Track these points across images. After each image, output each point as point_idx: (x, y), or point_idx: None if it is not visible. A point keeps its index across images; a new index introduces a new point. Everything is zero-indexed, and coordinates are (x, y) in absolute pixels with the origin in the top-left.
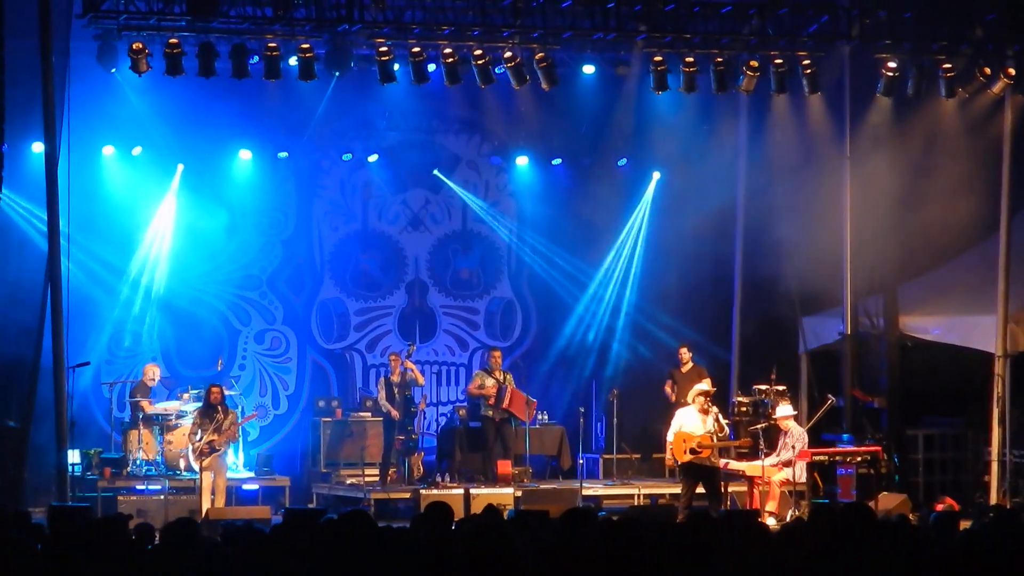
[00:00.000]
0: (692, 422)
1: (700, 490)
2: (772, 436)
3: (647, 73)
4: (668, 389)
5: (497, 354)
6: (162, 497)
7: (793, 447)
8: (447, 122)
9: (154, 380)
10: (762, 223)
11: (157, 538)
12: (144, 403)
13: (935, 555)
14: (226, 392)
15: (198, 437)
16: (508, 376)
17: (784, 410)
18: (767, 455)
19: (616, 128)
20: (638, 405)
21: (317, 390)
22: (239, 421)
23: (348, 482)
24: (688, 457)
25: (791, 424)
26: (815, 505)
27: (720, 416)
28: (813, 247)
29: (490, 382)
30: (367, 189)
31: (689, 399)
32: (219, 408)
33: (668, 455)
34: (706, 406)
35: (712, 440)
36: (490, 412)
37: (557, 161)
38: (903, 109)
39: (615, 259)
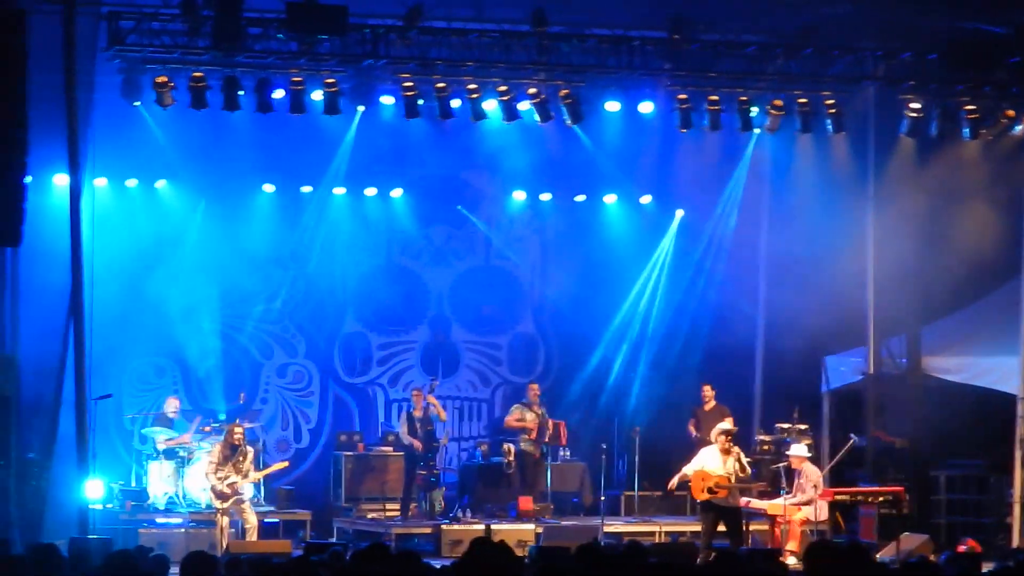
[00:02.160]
0: (713, 461)
1: (721, 528)
2: (791, 475)
3: (672, 111)
4: (691, 427)
5: (535, 387)
6: (183, 530)
7: (816, 486)
8: (471, 157)
9: (175, 413)
10: (786, 261)
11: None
12: (159, 437)
13: None
14: (247, 425)
15: (219, 475)
16: (543, 411)
17: (798, 450)
18: (788, 495)
19: (640, 165)
20: (660, 442)
21: (339, 424)
22: (265, 470)
23: (369, 516)
24: (705, 496)
25: (806, 465)
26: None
27: (742, 456)
28: (836, 286)
29: (530, 416)
30: (390, 224)
31: (712, 437)
32: (239, 449)
33: (673, 482)
34: (727, 445)
35: (730, 481)
36: (531, 447)
37: (580, 198)
38: (927, 150)
39: (638, 296)
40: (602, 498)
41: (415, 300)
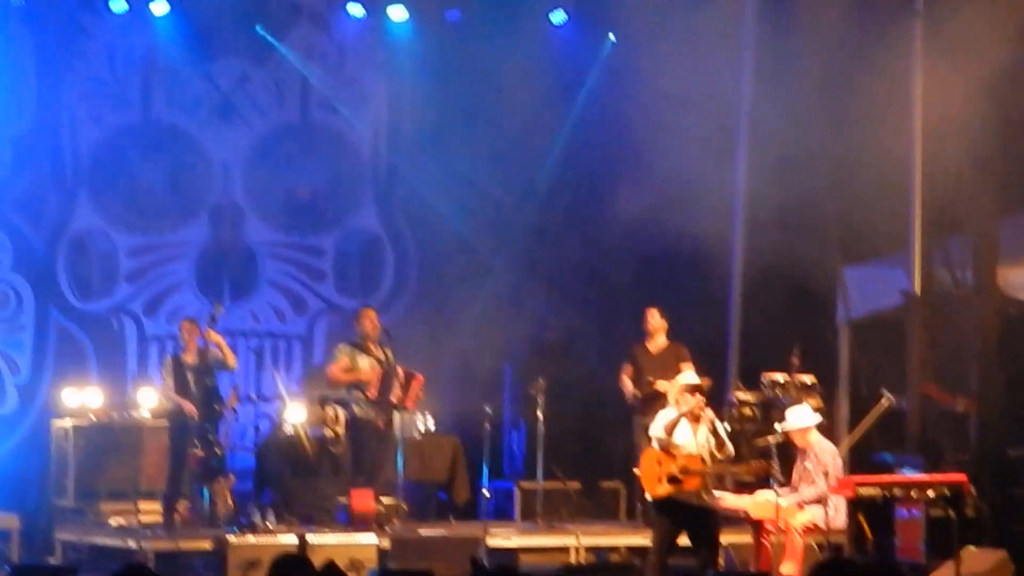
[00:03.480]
0: (677, 433)
1: (683, 539)
2: (790, 456)
3: None
4: (626, 378)
5: (371, 316)
6: None
7: (826, 473)
8: None
9: None
10: (780, 119)
11: None
12: None
13: None
14: None
15: None
16: (389, 353)
17: (800, 418)
18: (783, 486)
19: None
20: (578, 404)
21: (65, 375)
22: None
23: (113, 523)
24: (666, 489)
25: (813, 439)
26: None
27: (719, 425)
28: (862, 160)
29: (366, 362)
30: (149, 57)
31: (670, 398)
32: None
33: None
34: (698, 410)
35: (705, 463)
36: (370, 412)
37: (454, 13)
38: None
39: (544, 168)
40: (485, 493)
41: (188, 178)
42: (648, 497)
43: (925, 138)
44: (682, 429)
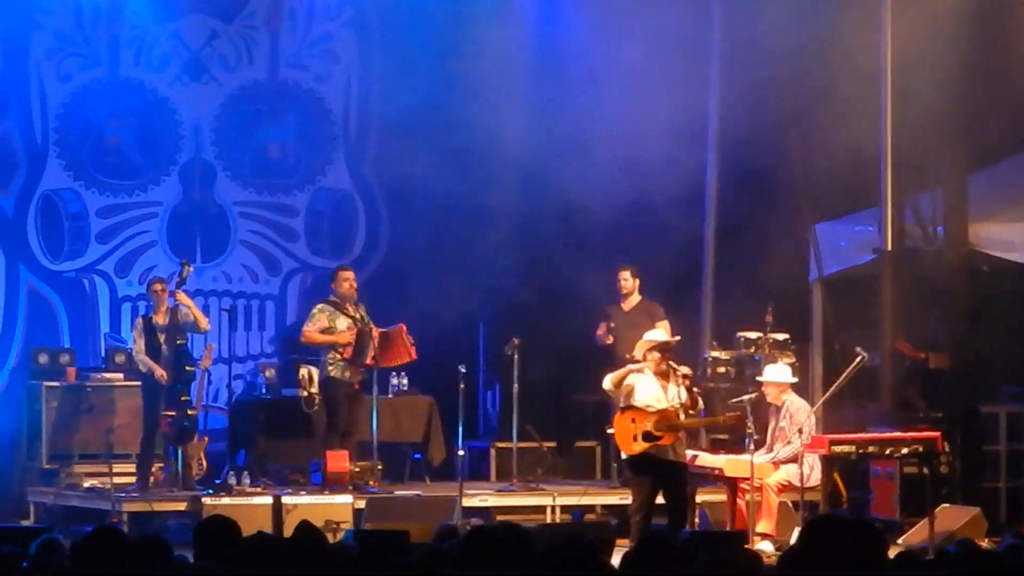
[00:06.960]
0: (647, 391)
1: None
2: (764, 414)
3: None
4: (602, 333)
5: (349, 276)
6: None
7: (800, 431)
8: None
9: None
10: (749, 72)
11: None
12: None
13: None
14: None
15: None
16: (364, 313)
17: (776, 374)
18: (759, 444)
19: None
20: (552, 363)
21: (36, 337)
22: None
23: (87, 485)
24: (641, 446)
25: (788, 397)
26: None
27: (689, 382)
28: (831, 113)
29: (343, 323)
30: (115, 15)
31: (637, 354)
32: None
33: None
34: (664, 366)
35: (678, 417)
36: (345, 373)
37: None
38: None
39: (517, 122)
40: (460, 453)
41: (158, 137)
42: (623, 456)
43: (895, 93)
44: (647, 385)
